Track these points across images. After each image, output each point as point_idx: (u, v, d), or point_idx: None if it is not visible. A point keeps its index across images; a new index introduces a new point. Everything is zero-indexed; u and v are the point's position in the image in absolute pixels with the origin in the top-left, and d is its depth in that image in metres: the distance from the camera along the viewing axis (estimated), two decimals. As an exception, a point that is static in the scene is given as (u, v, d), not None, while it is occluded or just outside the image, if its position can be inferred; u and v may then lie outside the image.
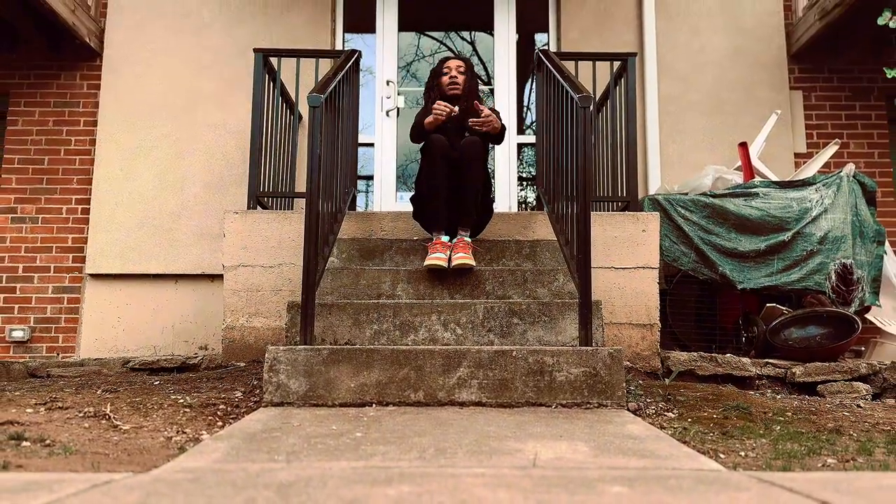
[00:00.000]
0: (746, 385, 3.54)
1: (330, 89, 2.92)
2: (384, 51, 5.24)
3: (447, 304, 2.78)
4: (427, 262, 3.15)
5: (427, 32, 5.59)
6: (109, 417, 2.26)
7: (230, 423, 2.24)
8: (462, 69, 3.59)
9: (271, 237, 3.65)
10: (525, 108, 5.53)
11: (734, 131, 5.06)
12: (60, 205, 4.96)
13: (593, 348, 2.44)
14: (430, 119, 3.40)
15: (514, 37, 5.29)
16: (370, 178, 5.22)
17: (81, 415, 2.29)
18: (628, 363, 3.45)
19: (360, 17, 5.36)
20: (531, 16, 5.40)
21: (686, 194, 4.32)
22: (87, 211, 4.93)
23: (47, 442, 1.93)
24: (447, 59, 3.69)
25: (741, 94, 5.14)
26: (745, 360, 3.59)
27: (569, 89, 2.90)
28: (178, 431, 2.14)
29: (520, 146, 5.27)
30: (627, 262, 3.67)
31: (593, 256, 3.21)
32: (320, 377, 2.39)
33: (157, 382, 2.98)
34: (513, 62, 5.25)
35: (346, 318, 2.77)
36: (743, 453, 2.03)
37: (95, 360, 4.02)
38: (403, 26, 5.36)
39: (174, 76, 5.06)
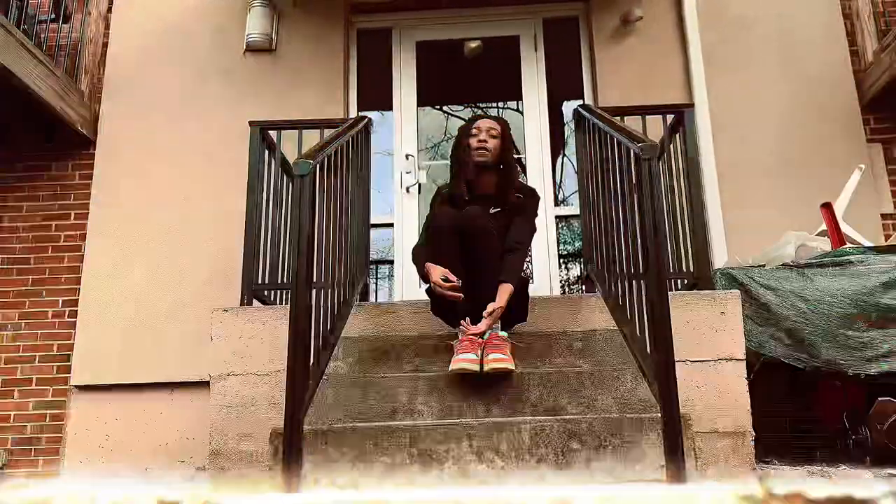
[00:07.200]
0: (872, 507, 2.74)
1: (324, 155, 2.35)
2: (403, 123, 4.74)
3: (481, 423, 2.08)
4: (453, 367, 2.46)
5: (449, 106, 5.10)
6: None
7: None
8: (495, 132, 2.98)
9: (266, 337, 3.02)
10: (560, 181, 4.95)
11: (806, 192, 4.35)
12: (46, 308, 4.43)
13: (692, 490, 1.70)
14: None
15: (544, 102, 4.75)
16: (391, 262, 4.61)
17: None
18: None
19: (377, 92, 4.90)
20: (562, 80, 4.89)
21: (763, 266, 3.60)
22: (74, 314, 4.38)
23: None
24: (478, 117, 3.09)
25: (810, 150, 4.47)
26: (868, 474, 2.80)
27: (624, 140, 2.28)
28: None
29: (558, 219, 4.64)
30: (705, 353, 2.93)
31: (667, 351, 2.49)
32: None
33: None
34: (545, 129, 4.70)
35: (348, 448, 2.08)
36: None
37: None
38: (423, 101, 4.87)
39: (174, 161, 4.60)
